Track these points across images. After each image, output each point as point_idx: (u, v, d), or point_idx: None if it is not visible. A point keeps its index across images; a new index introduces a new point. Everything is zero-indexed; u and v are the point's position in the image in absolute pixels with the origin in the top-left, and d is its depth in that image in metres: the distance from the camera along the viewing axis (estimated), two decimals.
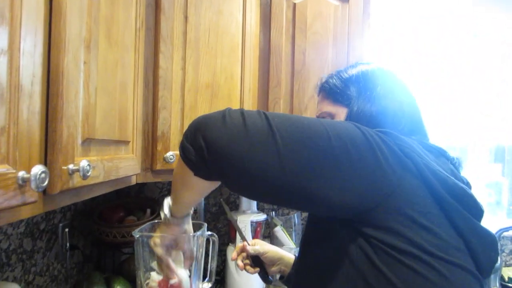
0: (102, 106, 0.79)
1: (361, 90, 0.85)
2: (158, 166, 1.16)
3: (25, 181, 0.49)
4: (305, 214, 1.91)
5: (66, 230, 1.26)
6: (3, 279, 1.07)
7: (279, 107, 1.51)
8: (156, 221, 0.99)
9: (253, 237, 1.64)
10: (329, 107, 0.89)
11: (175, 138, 1.21)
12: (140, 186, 1.85)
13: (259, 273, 1.08)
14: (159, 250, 0.87)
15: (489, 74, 2.22)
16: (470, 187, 0.72)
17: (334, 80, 0.91)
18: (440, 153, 0.75)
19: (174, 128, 1.21)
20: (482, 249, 0.66)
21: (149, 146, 1.17)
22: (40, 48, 0.55)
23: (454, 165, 0.75)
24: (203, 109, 1.28)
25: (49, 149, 0.61)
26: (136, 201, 1.65)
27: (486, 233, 0.68)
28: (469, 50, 2.20)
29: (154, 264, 0.92)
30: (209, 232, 1.00)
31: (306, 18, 1.54)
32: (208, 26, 1.30)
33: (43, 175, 0.49)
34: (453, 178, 0.67)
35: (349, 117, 0.85)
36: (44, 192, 0.61)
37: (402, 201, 0.63)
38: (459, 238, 0.64)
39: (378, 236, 0.63)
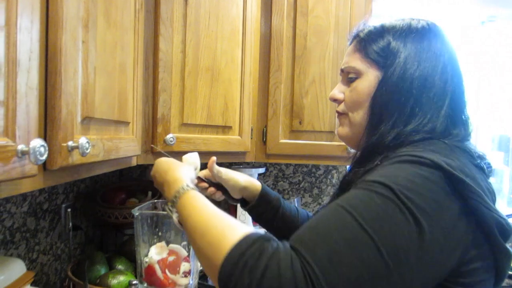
0: (101, 85, 0.80)
1: (406, 52, 0.73)
2: (159, 148, 1.17)
3: (24, 154, 0.51)
4: (305, 199, 1.93)
5: (69, 210, 1.28)
6: (7, 255, 1.10)
7: (280, 91, 1.52)
8: (155, 200, 1.01)
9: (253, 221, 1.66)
10: (358, 63, 0.77)
11: (175, 120, 1.23)
12: (142, 170, 1.88)
13: (224, 194, 1.02)
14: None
15: (496, 63, 2.20)
16: (495, 194, 0.67)
17: (374, 29, 0.78)
18: (482, 169, 0.66)
19: (174, 110, 1.22)
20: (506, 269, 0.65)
21: (149, 128, 1.18)
22: (37, 25, 0.56)
23: (488, 176, 0.69)
24: (203, 92, 1.29)
25: (48, 125, 0.62)
26: (138, 184, 1.67)
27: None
28: (476, 38, 2.18)
29: (155, 246, 0.94)
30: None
31: (307, 1, 1.54)
32: (208, 9, 1.30)
33: (41, 148, 0.51)
34: (503, 217, 0.62)
35: (381, 85, 0.74)
36: (45, 167, 0.63)
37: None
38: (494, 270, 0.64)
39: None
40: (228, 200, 1.03)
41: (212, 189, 1.00)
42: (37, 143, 0.50)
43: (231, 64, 1.39)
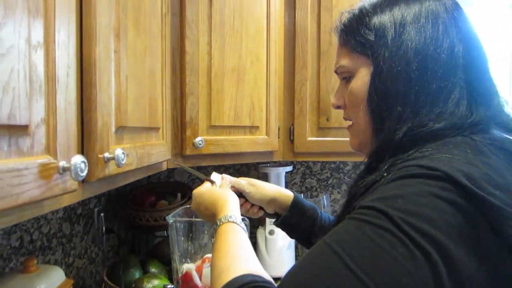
0: (133, 94, 0.80)
1: (392, 29, 0.60)
2: (188, 152, 1.17)
3: (65, 170, 0.51)
4: (334, 196, 1.90)
5: (102, 214, 1.30)
6: (45, 262, 1.12)
7: (306, 88, 1.50)
8: (188, 206, 1.00)
9: None
10: (346, 60, 0.66)
11: (203, 123, 1.22)
12: (170, 171, 1.89)
13: (262, 209, 0.93)
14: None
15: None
16: None
17: (353, 16, 0.66)
18: None
19: (202, 113, 1.21)
20: None
21: (178, 132, 1.18)
22: (74, 39, 0.56)
23: None
24: (230, 94, 1.28)
25: (85, 138, 0.62)
26: (166, 186, 1.68)
27: None
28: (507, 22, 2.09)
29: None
30: (241, 217, 1.01)
31: None
32: (232, 9, 1.28)
33: (82, 164, 0.51)
34: None
35: (373, 78, 0.61)
36: (83, 180, 0.63)
37: None
38: None
39: None
40: (266, 216, 0.96)
41: (245, 204, 0.92)
42: (77, 159, 0.50)
43: (256, 63, 1.37)
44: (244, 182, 0.92)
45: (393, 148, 0.57)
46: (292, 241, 1.65)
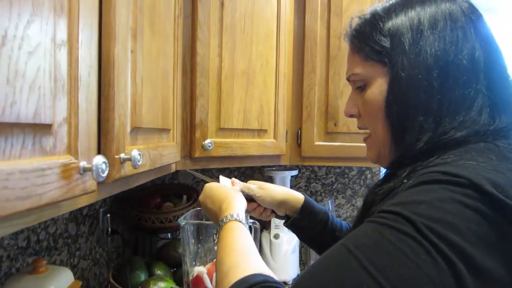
0: (147, 95, 0.79)
1: (409, 33, 0.57)
2: (197, 154, 1.16)
3: (86, 171, 0.50)
4: (338, 201, 1.89)
5: (108, 215, 1.29)
6: (51, 262, 1.11)
7: (314, 93, 1.49)
8: (198, 208, 1.00)
9: None
10: (359, 68, 0.63)
11: (213, 125, 1.22)
12: (174, 173, 1.88)
13: (273, 212, 0.93)
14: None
15: None
16: None
17: (365, 20, 0.63)
18: None
19: (211, 115, 1.21)
20: None
21: (187, 134, 1.17)
22: (96, 39, 0.56)
23: None
24: (239, 96, 1.28)
25: (102, 138, 0.62)
26: (171, 188, 1.67)
27: None
28: None
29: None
30: (251, 220, 1.01)
31: (341, 1, 1.50)
32: (243, 11, 1.28)
33: (103, 165, 0.50)
34: None
35: (392, 86, 0.59)
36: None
37: None
38: None
39: None
40: (277, 218, 0.95)
41: (257, 208, 0.91)
42: (99, 160, 0.50)
43: (266, 67, 1.37)
44: (254, 187, 0.91)
45: (413, 157, 0.56)
46: (297, 245, 1.64)
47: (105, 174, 0.51)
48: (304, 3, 1.50)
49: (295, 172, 1.74)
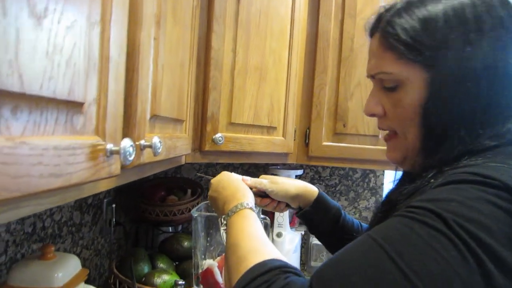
0: (166, 83, 0.78)
1: (456, 29, 0.52)
2: (207, 147, 1.16)
3: (112, 153, 0.49)
4: (341, 203, 1.89)
5: (113, 206, 1.28)
6: (55, 250, 1.10)
7: (324, 93, 1.49)
8: (207, 202, 0.99)
9: (290, 223, 1.64)
10: (394, 67, 0.57)
11: (224, 119, 1.21)
12: (177, 167, 1.87)
13: (287, 205, 0.92)
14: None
15: None
16: None
17: (401, 14, 0.56)
18: None
19: (223, 109, 1.20)
20: None
21: (198, 127, 1.16)
22: (126, 21, 0.55)
23: None
24: (251, 92, 1.27)
25: (125, 123, 0.61)
26: (174, 181, 1.66)
27: None
28: None
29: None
30: (263, 216, 1.00)
31: (356, 3, 1.50)
32: (259, 7, 1.27)
33: (130, 148, 0.49)
34: None
35: (433, 89, 0.54)
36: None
37: None
38: None
39: None
40: (291, 209, 0.95)
41: (271, 203, 0.90)
42: (127, 143, 0.49)
43: (278, 64, 1.37)
44: (265, 182, 0.90)
45: (443, 161, 0.54)
46: (299, 244, 1.63)
47: (132, 158, 0.50)
48: (318, 3, 1.49)
49: (300, 172, 1.73)
